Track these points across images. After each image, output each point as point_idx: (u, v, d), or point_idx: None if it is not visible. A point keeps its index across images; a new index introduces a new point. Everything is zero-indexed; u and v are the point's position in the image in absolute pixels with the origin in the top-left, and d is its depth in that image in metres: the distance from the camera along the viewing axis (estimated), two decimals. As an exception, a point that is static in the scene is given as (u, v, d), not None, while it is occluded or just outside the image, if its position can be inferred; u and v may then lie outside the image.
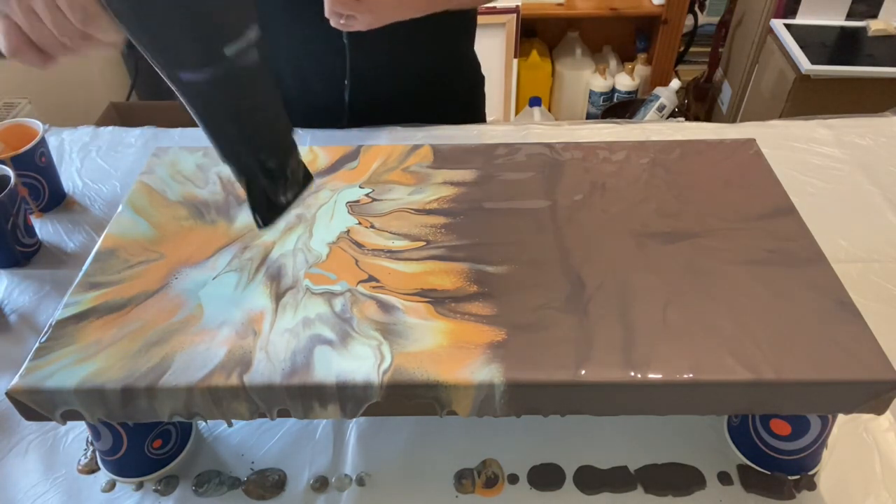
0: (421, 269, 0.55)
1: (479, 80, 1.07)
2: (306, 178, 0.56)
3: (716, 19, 2.18)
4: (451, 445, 0.58)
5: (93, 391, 0.47)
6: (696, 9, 2.23)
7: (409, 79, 0.95)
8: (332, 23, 0.73)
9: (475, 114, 1.08)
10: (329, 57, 0.90)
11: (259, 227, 0.53)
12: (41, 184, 0.83)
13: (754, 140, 0.68)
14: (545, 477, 0.56)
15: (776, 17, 1.76)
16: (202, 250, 0.58)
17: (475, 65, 1.05)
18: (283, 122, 0.52)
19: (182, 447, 0.58)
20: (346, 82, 0.92)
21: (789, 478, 0.55)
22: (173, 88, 0.46)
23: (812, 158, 0.89)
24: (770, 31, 1.76)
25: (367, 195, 0.64)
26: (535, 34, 2.34)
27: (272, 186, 0.53)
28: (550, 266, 0.55)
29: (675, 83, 2.07)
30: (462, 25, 0.98)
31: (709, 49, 2.19)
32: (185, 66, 0.45)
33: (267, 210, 0.53)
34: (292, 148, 0.54)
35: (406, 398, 0.48)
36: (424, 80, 0.96)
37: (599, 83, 2.25)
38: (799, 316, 0.50)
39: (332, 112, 0.95)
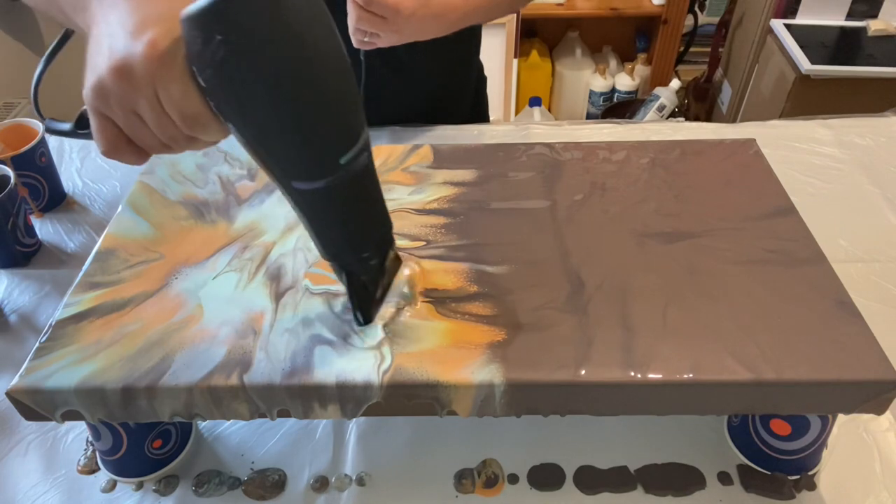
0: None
1: (483, 81, 1.08)
2: (395, 263, 0.54)
3: (716, 19, 2.18)
4: (451, 445, 0.58)
5: (93, 391, 0.47)
6: (696, 9, 2.23)
7: (422, 91, 0.95)
8: (355, 42, 0.72)
9: (480, 115, 1.08)
10: None
11: (359, 324, 0.51)
12: (41, 184, 0.83)
13: (754, 140, 0.68)
14: (545, 477, 0.56)
15: (776, 17, 1.76)
16: (202, 250, 0.58)
17: (480, 68, 1.05)
18: (385, 218, 0.51)
19: (182, 447, 0.58)
20: None
21: (789, 478, 0.55)
22: (283, 192, 0.45)
23: (812, 158, 0.89)
24: (770, 31, 1.76)
25: (367, 195, 0.64)
26: (535, 34, 2.34)
27: (372, 282, 0.51)
28: (550, 266, 0.55)
29: (675, 83, 2.07)
30: (473, 33, 0.98)
31: (709, 49, 2.19)
32: (299, 178, 0.43)
33: (367, 306, 0.52)
34: (392, 243, 0.53)
35: (406, 398, 0.47)
36: (435, 90, 0.96)
37: (599, 83, 2.25)
38: (799, 316, 0.50)
39: None
